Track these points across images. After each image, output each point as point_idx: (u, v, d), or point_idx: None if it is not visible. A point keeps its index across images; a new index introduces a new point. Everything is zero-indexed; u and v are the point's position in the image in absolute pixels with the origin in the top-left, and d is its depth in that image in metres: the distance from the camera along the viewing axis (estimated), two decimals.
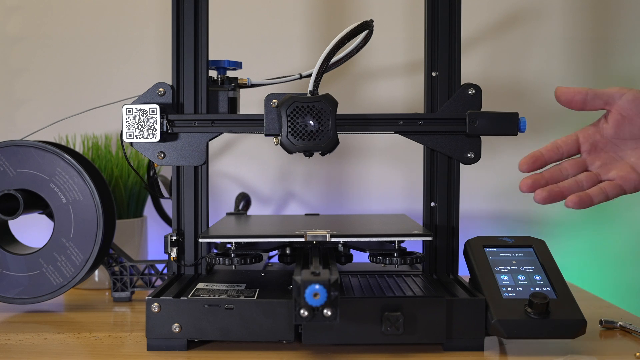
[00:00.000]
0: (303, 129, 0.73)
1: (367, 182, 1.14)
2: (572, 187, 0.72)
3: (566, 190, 0.72)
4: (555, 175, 0.73)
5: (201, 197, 0.80)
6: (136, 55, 1.13)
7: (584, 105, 0.72)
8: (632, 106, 0.69)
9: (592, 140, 0.72)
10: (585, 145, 0.73)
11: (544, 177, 0.73)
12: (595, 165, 0.73)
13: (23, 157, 0.80)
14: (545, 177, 0.73)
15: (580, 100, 0.71)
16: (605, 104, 0.71)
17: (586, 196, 0.71)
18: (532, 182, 0.72)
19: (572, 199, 0.70)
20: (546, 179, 0.73)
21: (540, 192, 0.71)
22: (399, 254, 0.71)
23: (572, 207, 0.70)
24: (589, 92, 0.71)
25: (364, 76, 1.13)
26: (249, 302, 0.65)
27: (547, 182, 0.73)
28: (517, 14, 1.13)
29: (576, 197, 0.70)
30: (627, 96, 0.70)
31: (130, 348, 0.68)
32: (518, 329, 0.64)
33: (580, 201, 0.70)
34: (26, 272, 0.80)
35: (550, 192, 0.71)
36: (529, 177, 0.73)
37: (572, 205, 0.70)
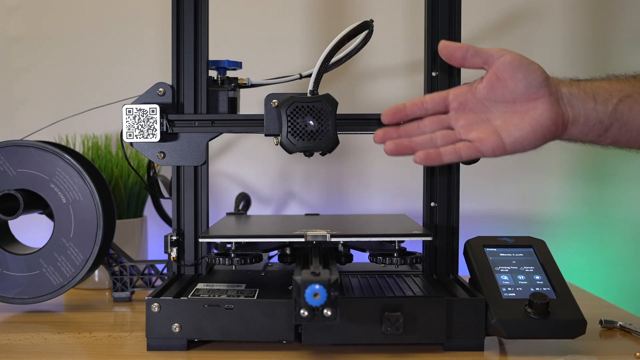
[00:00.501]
0: (303, 129, 0.73)
1: (367, 182, 1.14)
2: (424, 143, 0.70)
3: (417, 145, 0.69)
4: (411, 129, 0.71)
5: (201, 197, 0.80)
6: (136, 55, 1.13)
7: (464, 61, 0.69)
8: (508, 68, 0.67)
9: (463, 98, 0.70)
10: (455, 103, 0.70)
11: (397, 130, 0.71)
12: (459, 124, 0.69)
13: (23, 157, 0.80)
14: (399, 131, 0.71)
15: (461, 56, 0.69)
16: (484, 63, 0.69)
17: (435, 153, 0.68)
18: (384, 134, 0.71)
19: (419, 155, 0.68)
20: (399, 132, 0.71)
21: (389, 143, 0.70)
22: (399, 254, 0.71)
23: (418, 162, 0.68)
24: (470, 48, 0.69)
25: (364, 76, 1.13)
26: (249, 302, 0.65)
27: (400, 134, 0.71)
28: (517, 14, 1.13)
29: (423, 153, 0.68)
30: (505, 57, 0.68)
31: (130, 348, 0.68)
32: (518, 329, 0.64)
33: (427, 157, 0.68)
34: (26, 272, 0.80)
35: (398, 145, 0.70)
36: (381, 129, 0.71)
37: (418, 160, 0.68)
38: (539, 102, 0.67)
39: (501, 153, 0.67)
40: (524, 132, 0.67)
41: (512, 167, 1.13)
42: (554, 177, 1.14)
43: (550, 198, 1.14)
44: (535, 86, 0.67)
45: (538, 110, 0.67)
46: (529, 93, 0.67)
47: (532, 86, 0.67)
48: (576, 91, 0.69)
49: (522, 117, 0.67)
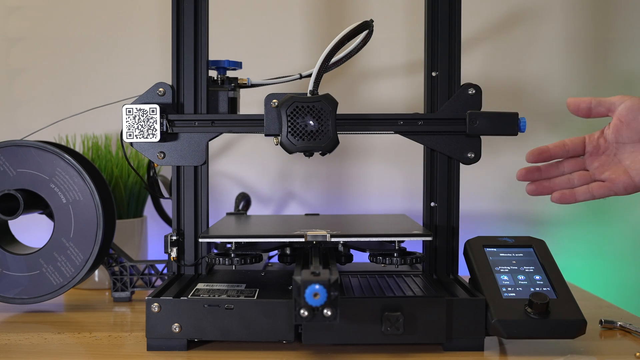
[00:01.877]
0: (303, 129, 0.73)
1: (367, 182, 1.14)
2: (562, 183, 0.78)
3: (556, 185, 0.78)
4: (551, 169, 0.79)
5: (201, 197, 0.80)
6: (136, 55, 1.13)
7: (589, 112, 0.77)
8: (628, 112, 0.74)
9: (596, 143, 0.78)
10: (589, 146, 0.78)
11: (539, 169, 0.79)
12: (594, 166, 0.77)
13: (23, 157, 0.80)
14: (540, 170, 0.79)
15: (586, 108, 0.77)
16: (607, 110, 0.76)
17: (570, 194, 0.77)
18: (526, 172, 0.79)
19: (555, 195, 0.77)
20: (541, 172, 0.79)
21: (530, 185, 0.79)
22: (399, 254, 0.71)
23: (554, 201, 0.77)
24: (593, 100, 0.77)
25: (364, 76, 1.13)
26: (249, 302, 0.65)
27: (542, 174, 0.79)
28: (517, 14, 1.13)
29: (559, 193, 0.77)
30: (625, 103, 0.75)
31: (130, 348, 0.68)
32: (518, 329, 0.64)
33: (562, 197, 0.77)
34: (26, 272, 0.80)
35: (538, 185, 0.78)
36: (525, 169, 0.79)
37: (554, 200, 0.77)
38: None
39: (633, 190, 0.75)
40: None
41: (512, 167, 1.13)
42: None
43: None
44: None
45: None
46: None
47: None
48: None
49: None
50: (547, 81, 1.13)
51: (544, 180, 0.79)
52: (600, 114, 0.77)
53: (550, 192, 0.78)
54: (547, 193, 0.78)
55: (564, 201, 0.77)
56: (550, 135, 1.13)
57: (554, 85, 1.13)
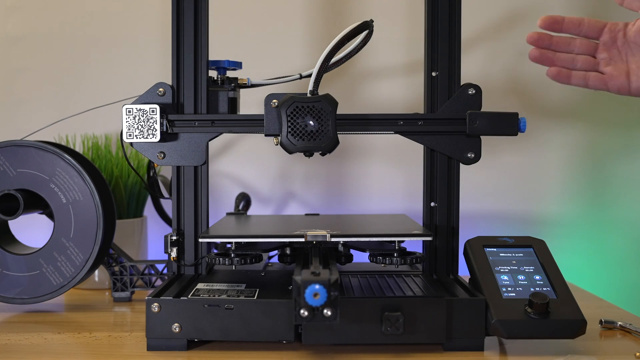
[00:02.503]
0: (303, 129, 0.73)
1: (367, 182, 1.14)
2: (565, 61, 0.76)
3: (558, 61, 0.77)
4: (562, 42, 0.77)
5: (201, 197, 0.80)
6: (136, 55, 1.13)
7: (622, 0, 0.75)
8: None
9: (615, 34, 0.75)
10: (606, 35, 0.76)
11: (551, 38, 0.77)
12: (602, 55, 0.76)
13: (23, 157, 0.80)
14: (552, 39, 0.77)
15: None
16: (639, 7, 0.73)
17: (566, 73, 0.75)
18: (538, 37, 0.77)
19: (552, 70, 0.76)
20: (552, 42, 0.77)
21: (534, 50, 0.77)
22: (399, 254, 0.71)
23: (549, 76, 0.76)
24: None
25: (364, 76, 1.13)
26: (249, 302, 0.65)
27: (552, 45, 0.77)
28: (517, 14, 1.13)
29: (556, 69, 0.76)
30: None
31: (130, 348, 0.68)
32: (518, 329, 0.64)
33: (558, 74, 0.76)
34: (26, 272, 0.80)
35: (543, 54, 0.77)
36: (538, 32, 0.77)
37: (549, 74, 0.76)
38: None
39: (624, 93, 0.73)
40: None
41: (512, 167, 1.13)
42: (554, 177, 1.14)
43: (550, 198, 1.14)
44: None
45: None
46: None
47: None
48: None
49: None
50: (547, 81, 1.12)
51: (549, 51, 0.77)
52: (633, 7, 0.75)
53: (551, 64, 0.77)
54: (548, 64, 0.77)
55: (557, 78, 0.76)
56: (550, 135, 1.13)
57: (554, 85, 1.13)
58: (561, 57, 0.77)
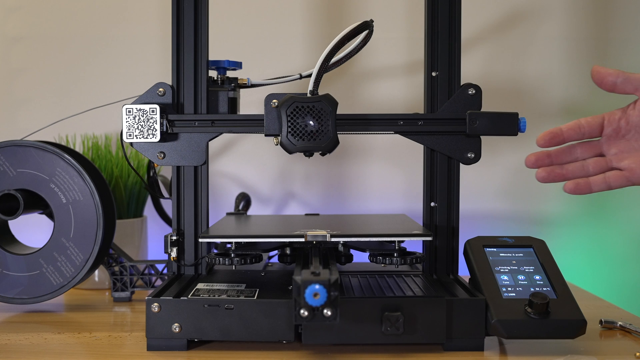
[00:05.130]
0: (303, 129, 0.73)
1: (367, 182, 1.14)
2: (576, 171, 0.71)
3: (569, 173, 0.71)
4: (563, 154, 0.72)
5: (201, 197, 0.80)
6: (136, 55, 1.13)
7: (614, 87, 0.69)
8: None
9: (617, 125, 0.70)
10: (608, 129, 0.70)
11: (549, 155, 0.72)
12: (612, 152, 0.70)
13: (23, 157, 0.80)
14: (551, 156, 0.72)
15: (611, 82, 0.69)
16: (635, 89, 0.69)
17: (585, 183, 0.70)
18: (536, 159, 0.72)
19: (568, 185, 0.70)
20: (551, 158, 0.72)
21: (540, 171, 0.71)
22: (399, 254, 0.71)
23: (568, 192, 0.70)
24: (621, 74, 0.69)
25: (364, 76, 1.13)
26: (249, 302, 0.65)
27: (552, 160, 0.72)
28: (517, 14, 1.13)
29: (573, 183, 0.70)
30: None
31: (130, 348, 0.68)
32: (518, 329, 0.64)
33: (577, 188, 0.70)
34: (26, 272, 0.80)
35: (550, 172, 0.71)
36: (533, 154, 0.72)
37: (567, 190, 0.70)
38: None
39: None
40: None
41: (512, 167, 1.13)
42: None
43: (550, 198, 1.14)
44: None
45: None
46: None
47: None
48: None
49: None
50: (547, 81, 1.13)
51: (556, 166, 0.71)
52: (626, 92, 0.69)
53: (563, 179, 0.71)
54: (559, 180, 0.71)
55: (578, 192, 0.70)
56: None
57: (554, 85, 1.13)
58: (571, 169, 0.71)
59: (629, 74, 0.69)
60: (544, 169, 0.71)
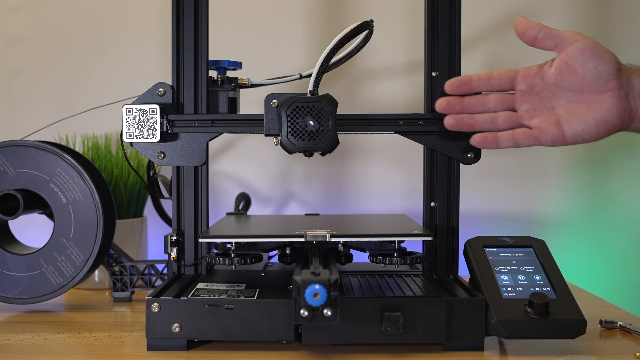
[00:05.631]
0: (303, 129, 0.73)
1: (367, 182, 1.14)
2: (485, 122, 0.69)
3: (478, 124, 0.69)
4: (475, 103, 0.70)
5: (201, 197, 0.80)
6: (136, 55, 1.13)
7: (535, 41, 0.67)
8: (579, 55, 0.64)
9: (531, 81, 0.68)
10: (522, 84, 0.68)
11: (461, 102, 0.70)
12: (523, 107, 0.68)
13: (23, 157, 0.80)
14: (463, 103, 0.70)
15: (532, 35, 0.67)
16: (555, 46, 0.66)
17: (492, 138, 0.68)
18: (447, 104, 0.70)
19: (476, 138, 0.69)
20: (463, 105, 0.70)
21: (450, 118, 0.70)
22: (399, 254, 0.71)
23: (475, 145, 0.69)
24: (543, 29, 0.67)
25: (364, 76, 1.13)
26: (249, 302, 0.65)
27: (464, 108, 0.70)
28: (517, 14, 1.13)
29: (481, 137, 0.69)
30: (577, 44, 0.65)
31: (130, 348, 0.68)
32: (518, 329, 0.64)
33: (484, 141, 0.69)
34: (26, 272, 0.80)
35: (459, 121, 0.70)
36: (444, 98, 0.71)
37: (474, 143, 0.69)
38: (607, 95, 0.64)
39: (560, 144, 0.66)
40: (587, 126, 0.65)
41: (512, 167, 1.13)
42: (554, 177, 1.14)
43: (550, 198, 1.14)
44: (605, 78, 0.64)
45: (604, 104, 0.64)
46: (597, 84, 0.64)
47: (601, 77, 0.64)
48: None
49: (587, 109, 0.65)
50: None
51: (465, 115, 0.69)
52: (546, 47, 0.67)
53: (471, 129, 0.69)
54: (467, 130, 0.70)
55: (485, 145, 0.69)
56: None
57: None
58: (480, 120, 0.69)
59: (551, 30, 0.66)
60: (453, 116, 0.70)
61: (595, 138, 0.66)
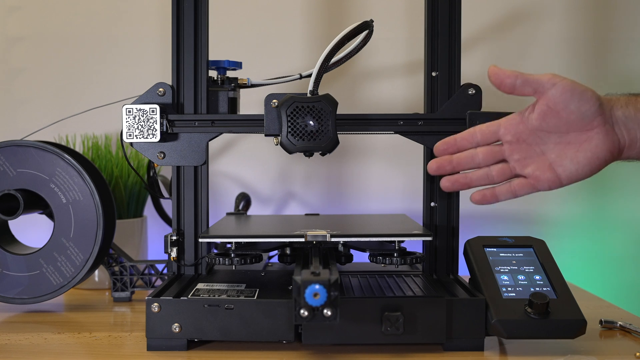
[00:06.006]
0: (303, 129, 0.73)
1: (367, 182, 1.14)
2: (480, 179, 0.69)
3: (473, 181, 0.69)
4: (465, 162, 0.70)
5: (201, 197, 0.80)
6: (136, 55, 1.13)
7: (513, 89, 0.67)
8: (560, 99, 0.64)
9: (515, 130, 0.67)
10: (507, 135, 0.68)
11: (451, 162, 0.70)
12: (514, 157, 0.68)
13: (23, 157, 0.80)
14: (452, 162, 0.70)
15: (510, 84, 0.66)
16: (534, 91, 0.66)
17: (491, 194, 0.69)
18: (437, 166, 0.70)
19: (475, 196, 0.69)
20: (453, 164, 0.70)
21: (444, 180, 0.71)
22: (399, 254, 0.71)
23: (474, 203, 0.70)
24: (519, 76, 0.66)
25: (364, 76, 1.13)
26: (249, 302, 0.65)
27: (454, 167, 0.70)
28: (517, 14, 1.13)
29: (479, 194, 0.69)
30: (557, 87, 0.64)
31: (130, 348, 0.68)
32: (518, 329, 0.64)
33: (483, 199, 0.69)
34: (26, 272, 0.80)
35: (454, 182, 0.70)
36: (434, 160, 0.71)
37: (474, 201, 0.70)
38: (594, 132, 0.65)
39: (557, 187, 0.67)
40: (580, 166, 0.66)
41: None
42: None
43: (550, 198, 1.14)
44: (589, 116, 0.64)
45: (593, 142, 0.65)
46: (583, 124, 0.65)
47: (585, 117, 0.64)
48: (632, 113, 0.65)
49: (577, 149, 0.65)
50: None
51: (460, 175, 0.69)
52: (525, 94, 0.67)
53: (467, 187, 0.69)
54: (464, 189, 0.70)
55: (485, 202, 0.69)
56: None
57: None
58: (475, 177, 0.69)
59: (527, 76, 0.66)
60: (448, 178, 0.70)
61: (590, 175, 0.67)
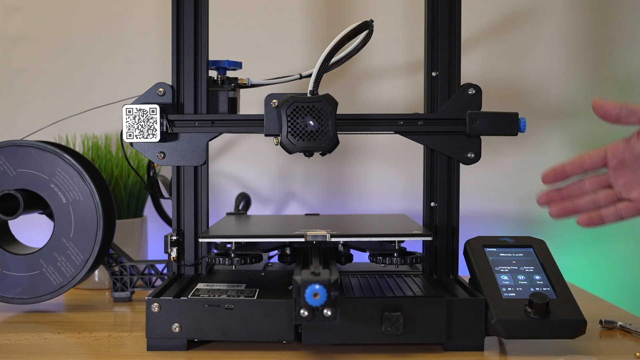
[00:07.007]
0: (303, 129, 0.73)
1: (367, 182, 1.14)
2: (587, 205, 0.72)
3: (580, 207, 0.72)
4: (572, 189, 0.73)
5: (201, 197, 0.80)
6: (136, 55, 1.13)
7: (618, 119, 0.70)
8: None
9: (621, 157, 0.70)
10: (613, 161, 0.71)
11: (559, 191, 0.73)
12: (619, 182, 0.71)
13: (23, 157, 0.80)
14: (561, 193, 0.73)
15: (615, 114, 0.69)
16: (639, 120, 0.69)
17: (597, 216, 0.71)
18: (546, 197, 0.73)
19: (582, 219, 0.71)
20: (562, 194, 0.73)
21: (554, 208, 0.73)
22: (399, 254, 0.71)
23: (582, 225, 0.71)
24: (624, 107, 0.69)
25: (364, 76, 1.13)
26: (249, 302, 0.65)
27: (563, 197, 0.73)
28: (517, 14, 1.13)
29: (586, 217, 0.71)
30: None
31: (130, 348, 0.68)
32: (518, 329, 0.64)
33: (590, 221, 0.71)
34: (26, 272, 0.80)
35: (563, 209, 0.72)
36: (544, 193, 0.73)
37: (581, 224, 0.71)
38: None
39: None
40: None
41: (512, 167, 1.13)
42: None
43: None
44: None
45: None
46: None
47: None
48: None
49: None
50: (547, 81, 1.13)
51: (568, 202, 0.72)
52: (630, 123, 0.69)
53: (575, 213, 0.72)
54: (572, 215, 0.72)
55: (592, 225, 0.71)
56: (550, 135, 1.13)
57: (554, 85, 1.13)
58: (582, 203, 0.72)
59: (632, 106, 0.69)
60: (557, 206, 0.72)
61: None
